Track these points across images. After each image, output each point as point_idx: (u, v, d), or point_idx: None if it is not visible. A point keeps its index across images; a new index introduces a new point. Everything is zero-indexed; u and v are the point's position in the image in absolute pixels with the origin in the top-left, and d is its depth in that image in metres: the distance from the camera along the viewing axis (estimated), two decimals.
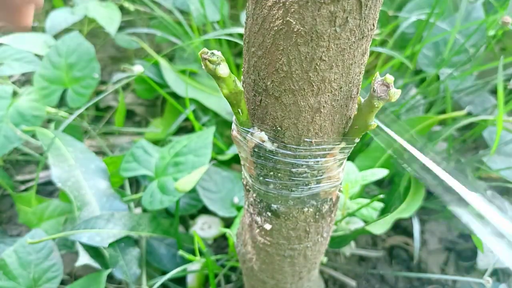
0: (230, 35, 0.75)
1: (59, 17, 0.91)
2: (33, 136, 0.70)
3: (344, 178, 0.59)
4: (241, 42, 0.72)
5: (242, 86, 0.29)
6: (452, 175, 0.28)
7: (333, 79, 0.26)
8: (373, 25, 0.25)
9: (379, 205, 0.60)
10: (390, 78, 0.25)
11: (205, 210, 0.69)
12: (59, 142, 0.66)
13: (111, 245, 0.58)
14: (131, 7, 1.00)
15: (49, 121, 0.80)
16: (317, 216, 0.36)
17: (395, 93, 0.25)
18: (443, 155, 0.78)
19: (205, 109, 0.84)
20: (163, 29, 0.93)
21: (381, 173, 0.60)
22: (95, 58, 0.78)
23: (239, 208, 0.68)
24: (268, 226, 0.37)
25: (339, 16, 0.23)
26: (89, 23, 1.05)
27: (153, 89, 0.89)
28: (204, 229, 0.69)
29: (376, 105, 0.26)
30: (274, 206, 0.34)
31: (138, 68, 0.71)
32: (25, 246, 0.55)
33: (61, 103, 0.79)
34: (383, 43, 0.87)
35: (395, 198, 0.69)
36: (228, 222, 0.71)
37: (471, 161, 0.73)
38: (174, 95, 0.83)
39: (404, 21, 0.80)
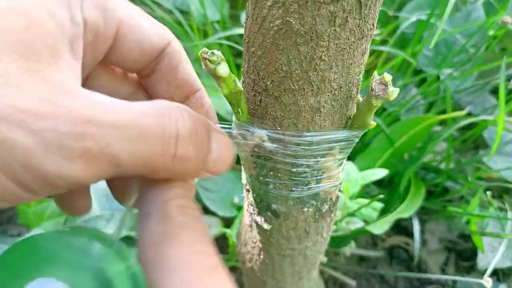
0: (230, 35, 0.75)
1: None
2: None
3: (344, 178, 0.59)
4: (240, 45, 0.72)
5: (242, 86, 0.29)
6: None
7: (333, 79, 0.26)
8: (373, 25, 0.25)
9: (379, 205, 0.60)
10: (388, 76, 0.25)
11: (205, 210, 0.69)
12: None
13: None
14: None
15: None
16: (317, 216, 0.36)
17: (393, 92, 0.25)
18: (443, 155, 0.78)
19: None
20: None
21: (381, 173, 0.60)
22: None
23: (239, 208, 0.68)
24: (268, 226, 0.37)
25: (338, 16, 0.23)
26: None
27: None
28: None
29: (374, 104, 0.26)
30: (274, 206, 0.34)
31: None
32: None
33: None
34: (383, 43, 0.87)
35: (395, 198, 0.69)
36: (228, 222, 0.71)
37: (471, 161, 0.73)
38: None
39: (404, 21, 0.80)
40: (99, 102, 0.17)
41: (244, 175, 0.36)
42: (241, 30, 0.70)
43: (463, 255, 0.75)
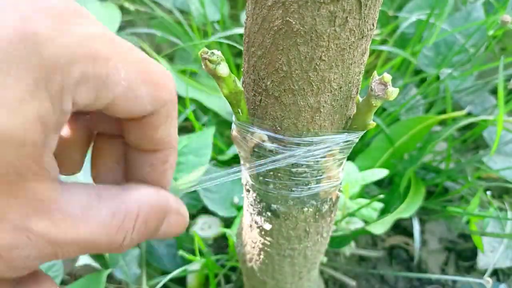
0: (230, 35, 0.75)
1: None
2: None
3: (344, 178, 0.59)
4: (240, 44, 0.72)
5: (242, 86, 0.29)
6: None
7: (332, 79, 0.26)
8: (373, 25, 0.25)
9: (379, 205, 0.60)
10: (387, 77, 0.25)
11: (205, 210, 0.69)
12: None
13: None
14: (131, 7, 1.00)
15: None
16: (317, 216, 0.36)
17: (393, 92, 0.25)
18: (443, 155, 0.78)
19: (205, 109, 0.84)
20: (163, 29, 0.93)
21: (381, 173, 0.60)
22: None
23: (239, 208, 0.68)
24: (268, 226, 0.37)
25: (338, 16, 0.23)
26: None
27: None
28: (204, 229, 0.69)
29: (374, 104, 0.26)
30: (274, 206, 0.34)
31: None
32: None
33: None
34: (383, 43, 0.87)
35: (395, 198, 0.69)
36: (228, 222, 0.71)
37: (471, 161, 0.73)
38: None
39: (404, 21, 0.80)
40: (68, 218, 0.19)
41: (244, 175, 0.36)
42: (241, 30, 0.70)
43: (463, 255, 0.75)
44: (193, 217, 0.74)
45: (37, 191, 0.18)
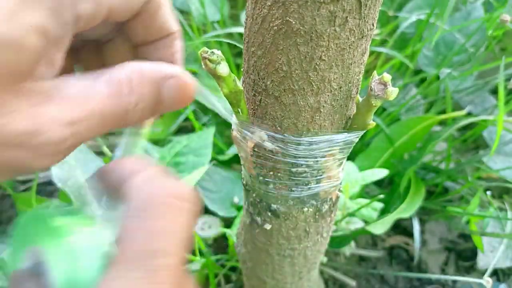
0: (231, 35, 0.75)
1: None
2: None
3: (344, 178, 0.59)
4: (241, 44, 0.72)
5: (242, 85, 0.29)
6: None
7: (332, 79, 0.26)
8: (373, 24, 0.25)
9: (379, 205, 0.60)
10: (387, 76, 0.25)
11: (205, 210, 0.69)
12: None
13: None
14: None
15: None
16: (317, 216, 0.36)
17: (393, 92, 0.25)
18: (443, 155, 0.78)
19: (205, 109, 0.84)
20: None
21: (381, 173, 0.60)
22: None
23: (239, 208, 0.68)
24: (268, 226, 0.37)
25: (338, 15, 0.23)
26: None
27: None
28: (204, 229, 0.69)
29: (374, 104, 0.26)
30: (274, 206, 0.34)
31: None
32: None
33: None
34: (383, 43, 0.87)
35: (395, 198, 0.69)
36: (228, 222, 0.71)
37: (471, 161, 0.73)
38: None
39: (404, 21, 0.80)
40: (70, 100, 0.20)
41: (244, 175, 0.36)
42: (240, 29, 0.70)
43: (463, 255, 0.75)
44: None
45: (35, 88, 0.20)
